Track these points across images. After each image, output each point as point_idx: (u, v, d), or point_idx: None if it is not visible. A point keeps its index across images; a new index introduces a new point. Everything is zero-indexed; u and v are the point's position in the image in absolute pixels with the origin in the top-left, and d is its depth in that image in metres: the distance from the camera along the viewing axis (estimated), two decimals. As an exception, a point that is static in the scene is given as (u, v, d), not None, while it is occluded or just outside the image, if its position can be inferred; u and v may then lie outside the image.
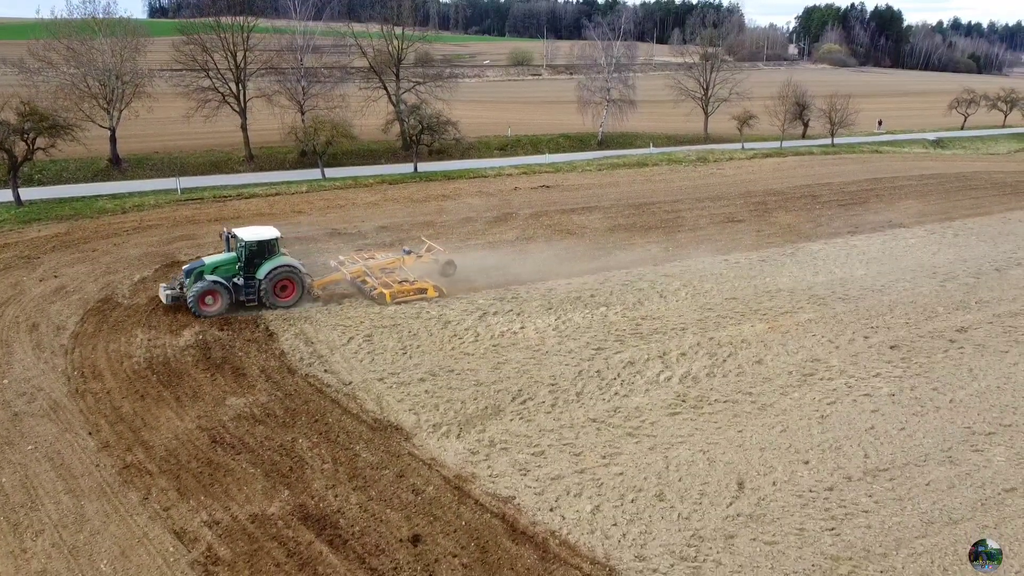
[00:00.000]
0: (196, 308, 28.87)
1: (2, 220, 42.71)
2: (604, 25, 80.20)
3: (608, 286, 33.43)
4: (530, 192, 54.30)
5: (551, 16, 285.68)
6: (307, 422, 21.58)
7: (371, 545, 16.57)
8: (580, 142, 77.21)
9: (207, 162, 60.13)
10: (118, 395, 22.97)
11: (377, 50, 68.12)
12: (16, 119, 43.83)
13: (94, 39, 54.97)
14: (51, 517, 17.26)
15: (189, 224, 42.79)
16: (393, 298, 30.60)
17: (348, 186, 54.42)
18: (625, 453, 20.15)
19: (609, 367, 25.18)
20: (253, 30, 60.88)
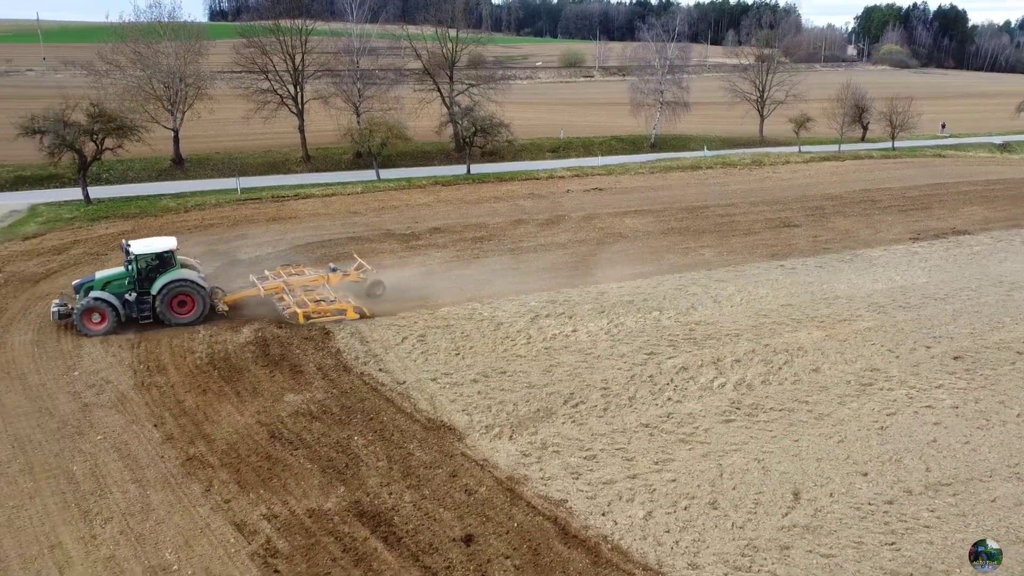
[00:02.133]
0: (81, 327, 27.15)
1: (72, 217, 44.34)
2: (658, 26, 79.59)
3: (661, 290, 33.22)
4: (582, 194, 54.22)
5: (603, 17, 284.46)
6: (362, 420, 21.95)
7: (424, 543, 16.79)
8: (632, 144, 76.77)
9: (265, 163, 61.45)
10: (181, 389, 23.68)
11: (431, 52, 68.76)
12: (86, 120, 45.44)
13: (159, 42, 56.72)
14: (119, 505, 17.90)
15: (248, 223, 43.81)
16: (307, 319, 28.74)
17: (402, 187, 55.08)
18: (678, 459, 20.02)
19: (662, 372, 25.04)
20: (311, 33, 62.07)
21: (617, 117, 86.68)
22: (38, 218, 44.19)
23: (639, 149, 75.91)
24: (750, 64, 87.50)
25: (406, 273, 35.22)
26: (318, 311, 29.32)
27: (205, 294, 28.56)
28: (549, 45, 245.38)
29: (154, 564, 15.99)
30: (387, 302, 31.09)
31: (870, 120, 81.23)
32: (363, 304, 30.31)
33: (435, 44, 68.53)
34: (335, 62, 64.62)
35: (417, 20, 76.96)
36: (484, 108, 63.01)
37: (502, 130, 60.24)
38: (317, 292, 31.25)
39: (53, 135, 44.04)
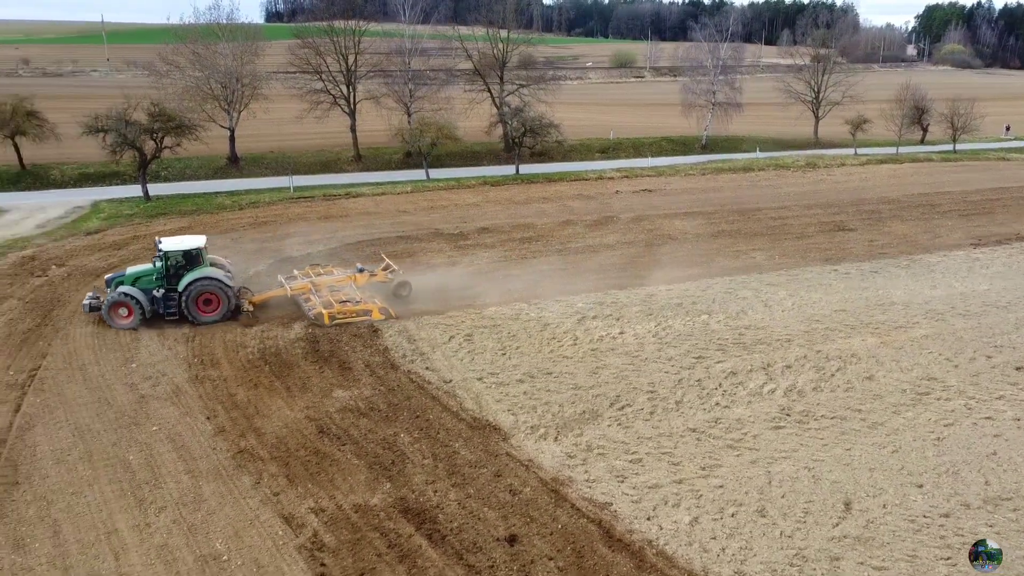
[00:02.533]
0: (109, 320, 27.84)
1: (132, 214, 45.64)
2: (711, 26, 78.62)
3: (710, 293, 32.80)
4: (631, 196, 53.86)
5: (655, 17, 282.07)
6: (408, 417, 22.13)
7: (468, 542, 16.85)
8: (683, 145, 76.00)
9: (317, 161, 62.41)
10: (233, 383, 24.19)
11: (482, 53, 69.08)
12: (147, 119, 46.72)
13: (217, 43, 58.07)
14: (172, 495, 18.36)
15: (300, 221, 44.54)
16: (332, 319, 28.67)
17: (451, 187, 55.41)
18: (725, 465, 19.74)
19: (710, 376, 24.72)
20: (364, 34, 62.87)
21: (668, 118, 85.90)
22: (100, 214, 45.61)
23: (690, 150, 75.10)
24: (805, 64, 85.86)
25: (454, 272, 35.44)
26: (343, 311, 29.20)
27: (230, 293, 28.69)
28: (600, 45, 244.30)
29: (205, 553, 16.36)
30: (434, 301, 31.29)
31: (930, 122, 79.04)
32: (389, 305, 30.32)
33: (486, 45, 68.83)
34: (387, 63, 65.37)
35: (468, 21, 77.32)
36: (534, 108, 63.04)
37: (551, 130, 60.17)
38: (344, 292, 31.24)
39: (115, 134, 45.40)
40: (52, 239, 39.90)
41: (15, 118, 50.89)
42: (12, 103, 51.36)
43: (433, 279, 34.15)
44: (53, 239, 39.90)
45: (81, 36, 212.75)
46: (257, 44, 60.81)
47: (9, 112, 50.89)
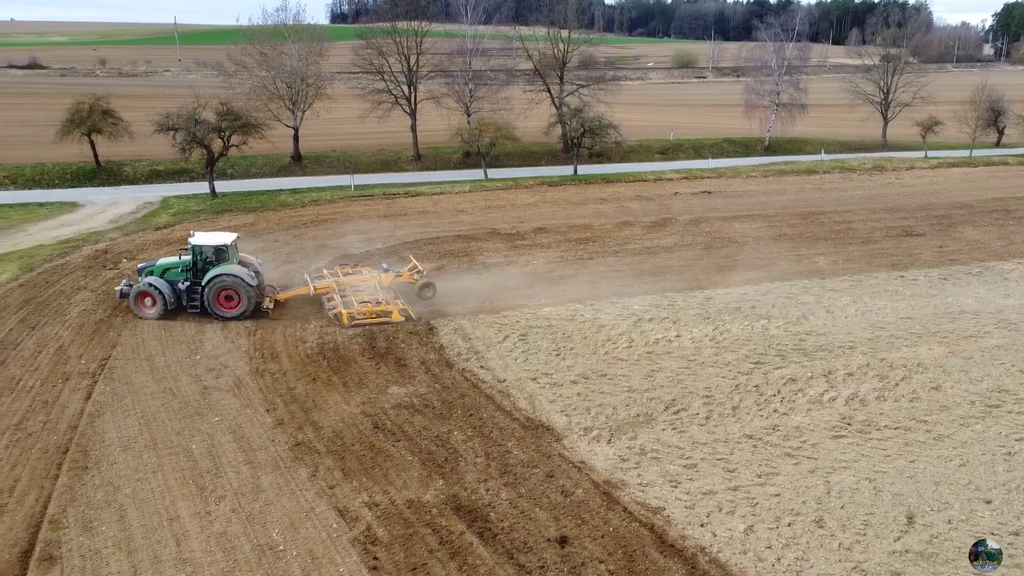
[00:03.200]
0: (135, 308, 28.77)
1: (199, 209, 47.02)
2: (776, 26, 77.02)
3: (770, 298, 32.16)
4: (690, 197, 53.19)
5: (719, 17, 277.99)
6: (462, 416, 22.27)
7: (519, 542, 16.86)
8: (745, 147, 74.75)
9: (378, 160, 63.31)
10: (292, 376, 24.70)
11: (542, 53, 69.08)
12: (215, 118, 48.08)
13: (283, 44, 59.38)
14: (232, 485, 18.84)
15: (360, 219, 45.23)
16: (351, 320, 28.65)
17: (509, 187, 55.57)
18: (782, 474, 19.33)
19: (768, 382, 24.23)
20: (426, 34, 63.51)
21: (729, 119, 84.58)
22: (169, 210, 47.11)
23: (751, 152, 73.84)
24: (874, 64, 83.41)
25: (509, 272, 35.53)
26: (363, 312, 29.12)
27: (251, 291, 28.86)
28: (661, 45, 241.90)
29: (262, 543, 16.74)
30: (490, 301, 31.42)
31: (1007, 124, 76.02)
32: (413, 305, 30.25)
33: (546, 45, 68.83)
34: (448, 63, 65.94)
35: (530, 21, 77.35)
36: (593, 109, 62.77)
37: (611, 131, 59.84)
38: (367, 292, 31.09)
39: (185, 132, 46.87)
40: (124, 233, 41.38)
41: (92, 116, 52.98)
42: (89, 102, 53.50)
43: (488, 279, 34.33)
44: (125, 233, 41.37)
45: (155, 37, 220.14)
46: (322, 45, 62.05)
47: (86, 111, 53.01)
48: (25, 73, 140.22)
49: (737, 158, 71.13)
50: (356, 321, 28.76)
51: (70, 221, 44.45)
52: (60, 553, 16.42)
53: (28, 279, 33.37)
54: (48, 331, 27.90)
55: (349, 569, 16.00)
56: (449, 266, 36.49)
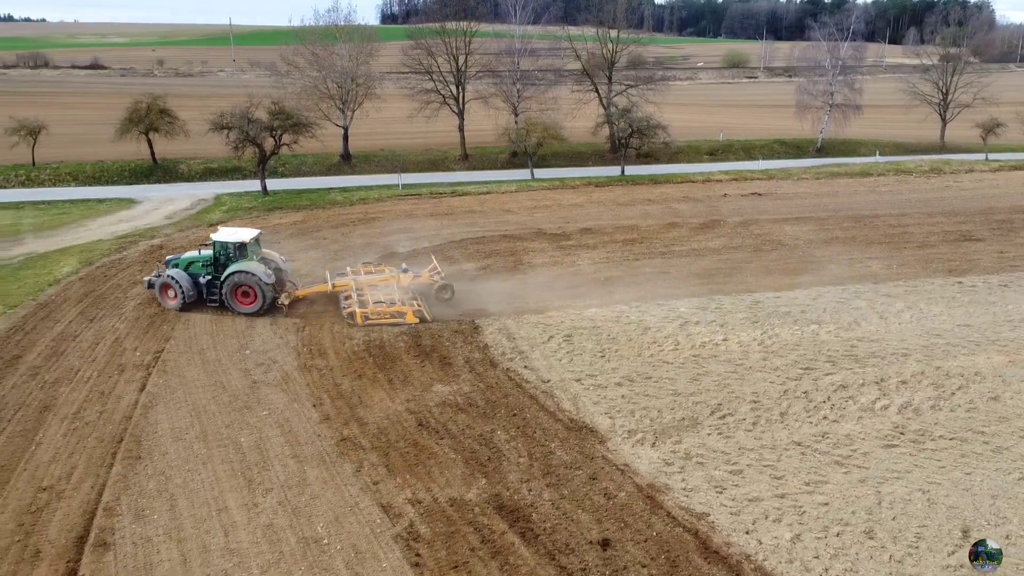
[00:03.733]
0: (160, 298, 29.82)
1: (251, 207, 47.94)
2: (830, 25, 75.46)
3: (821, 302, 31.52)
4: (740, 199, 52.43)
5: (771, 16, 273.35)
6: (506, 415, 22.28)
7: (561, 543, 16.81)
8: (796, 148, 73.43)
9: (425, 160, 63.78)
10: (339, 373, 25.00)
11: (591, 53, 68.82)
12: (267, 117, 48.95)
13: (334, 45, 60.19)
14: (279, 478, 19.15)
15: (407, 218, 45.60)
16: (365, 319, 28.67)
17: (555, 187, 55.46)
18: (832, 482, 18.92)
19: (818, 389, 23.75)
20: (475, 35, 63.76)
21: (780, 120, 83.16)
22: (222, 207, 48.11)
23: (803, 153, 72.50)
24: (933, 64, 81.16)
25: (554, 272, 35.45)
26: (376, 312, 29.12)
27: (265, 288, 29.17)
28: (712, 45, 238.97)
29: (307, 536, 16.98)
30: (534, 301, 31.40)
31: (1074, 126, 73.14)
32: (428, 307, 30.11)
33: (595, 45, 68.56)
34: (496, 63, 66.07)
35: (578, 21, 77.13)
36: (641, 109, 62.28)
37: (659, 131, 59.26)
38: (385, 293, 30.93)
39: (238, 131, 47.79)
40: (178, 229, 42.40)
41: (149, 116, 54.48)
42: (147, 101, 55.01)
43: (533, 279, 34.32)
44: (179, 229, 42.38)
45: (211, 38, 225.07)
46: (372, 45, 62.73)
47: (144, 110, 54.53)
48: (87, 73, 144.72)
49: (788, 159, 69.92)
50: (369, 321, 28.80)
51: (127, 217, 45.71)
52: (113, 539, 16.89)
53: (87, 273, 34.42)
54: (105, 323, 28.73)
55: (392, 565, 16.13)
56: (494, 266, 36.56)
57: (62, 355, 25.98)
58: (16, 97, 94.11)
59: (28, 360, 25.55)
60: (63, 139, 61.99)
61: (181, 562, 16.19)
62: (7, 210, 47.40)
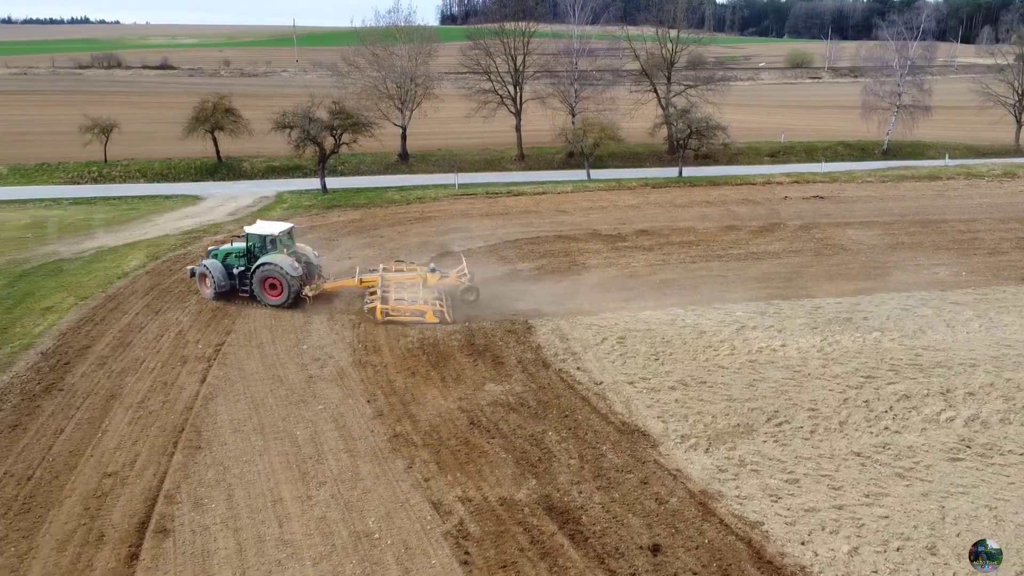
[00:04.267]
0: (200, 287, 31.22)
1: (310, 205, 48.84)
2: (899, 23, 73.26)
3: (884, 309, 30.61)
4: (801, 202, 51.29)
5: (837, 15, 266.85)
6: (557, 416, 22.21)
7: (611, 547, 16.67)
8: (861, 151, 71.49)
9: (482, 160, 64.05)
10: (393, 369, 25.27)
11: (650, 53, 68.19)
12: (327, 117, 49.79)
13: (394, 45, 60.89)
14: (332, 472, 19.45)
15: (462, 217, 45.85)
16: (385, 315, 28.93)
17: (611, 187, 55.12)
18: (892, 495, 18.35)
19: (880, 398, 23.06)
20: (533, 35, 63.78)
21: (845, 121, 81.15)
22: (283, 204, 49.12)
23: (868, 156, 70.57)
24: (1008, 64, 78.10)
25: (609, 274, 35.21)
26: (396, 309, 29.36)
27: (292, 282, 29.83)
28: (774, 45, 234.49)
29: (358, 530, 17.20)
30: (588, 302, 31.24)
31: None
32: (452, 308, 30.03)
33: (654, 45, 67.94)
34: (554, 63, 66.00)
35: (638, 21, 76.51)
36: (701, 110, 61.43)
37: (718, 132, 58.35)
38: (410, 290, 31.02)
39: (300, 130, 48.73)
40: (240, 226, 43.33)
41: (215, 115, 55.99)
42: (213, 101, 56.54)
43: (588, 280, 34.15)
44: (241, 226, 43.31)
45: (276, 39, 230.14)
46: (431, 46, 63.28)
47: (210, 109, 56.04)
48: (157, 73, 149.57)
49: (852, 162, 68.15)
50: (389, 317, 29.05)
51: (192, 213, 47.02)
52: (173, 526, 17.38)
53: (154, 267, 35.53)
54: (170, 316, 29.60)
55: (441, 562, 16.23)
56: (548, 266, 36.49)
57: (128, 346, 26.87)
58: (90, 96, 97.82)
59: (97, 350, 26.50)
60: (133, 137, 64.12)
61: (237, 551, 16.57)
62: (80, 205, 49.26)
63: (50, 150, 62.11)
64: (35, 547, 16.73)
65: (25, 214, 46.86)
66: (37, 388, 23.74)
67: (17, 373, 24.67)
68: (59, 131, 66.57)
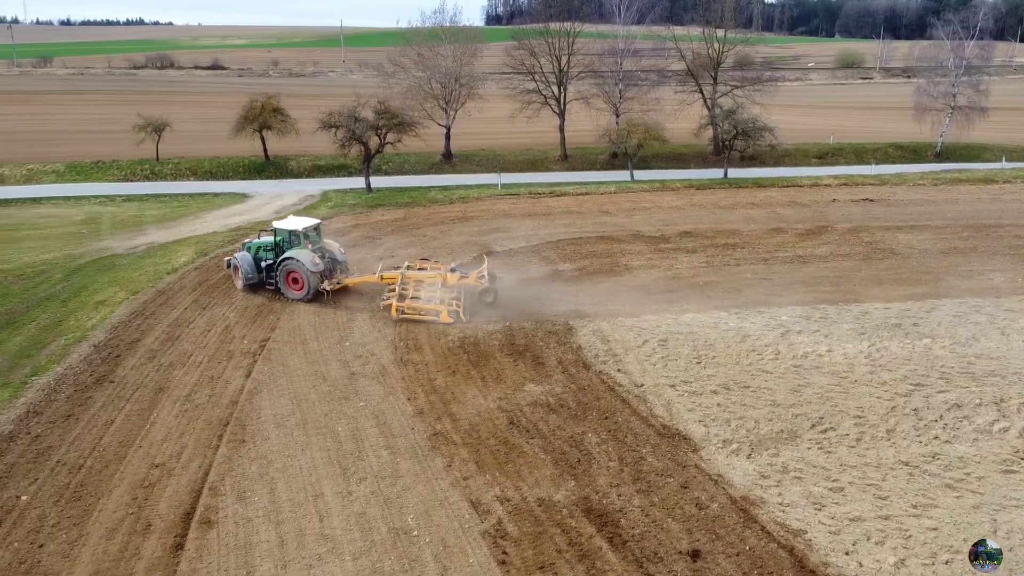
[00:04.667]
0: (233, 277, 32.46)
1: (355, 203, 49.39)
2: (955, 22, 71.33)
3: (935, 316, 29.84)
4: (849, 205, 50.27)
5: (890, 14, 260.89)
6: (597, 418, 22.10)
7: (650, 551, 16.53)
8: (913, 153, 69.83)
9: (525, 160, 64.06)
10: (433, 368, 25.41)
11: (696, 53, 67.50)
12: (373, 117, 50.30)
13: (439, 46, 61.25)
14: (372, 468, 19.62)
15: (505, 217, 45.91)
16: (400, 313, 29.42)
17: (655, 189, 54.70)
18: (941, 506, 17.86)
19: (929, 407, 22.47)
20: (578, 35, 63.59)
21: (896, 123, 79.29)
22: (328, 203, 49.75)
23: (920, 158, 68.88)
24: (1070, 64, 75.56)
25: (652, 276, 34.93)
26: (411, 307, 29.70)
27: (311, 277, 30.64)
28: (824, 45, 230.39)
29: (397, 527, 17.32)
30: (630, 304, 31.03)
31: None
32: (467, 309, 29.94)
33: (700, 45, 67.21)
34: (599, 63, 65.70)
35: (684, 20, 75.80)
36: (747, 110, 60.56)
37: (765, 134, 57.38)
38: (428, 289, 31.04)
39: (345, 129, 49.35)
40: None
41: (263, 114, 56.96)
42: (261, 101, 57.51)
43: (629, 281, 33.93)
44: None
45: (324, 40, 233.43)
46: (476, 46, 63.54)
47: (259, 109, 57.03)
48: (208, 73, 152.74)
49: (903, 164, 66.59)
50: (404, 316, 29.51)
51: (240, 211, 47.91)
52: (217, 518, 17.71)
53: (202, 263, 36.28)
54: (217, 312, 30.19)
55: (479, 560, 16.26)
56: (590, 267, 36.34)
57: (177, 340, 27.47)
58: (144, 96, 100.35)
59: (146, 343, 27.15)
60: (184, 136, 65.55)
61: (278, 544, 16.82)
62: (133, 202, 50.55)
63: (105, 148, 63.87)
64: (85, 534, 17.20)
65: (81, 210, 48.27)
66: (89, 380, 24.41)
67: (71, 365, 25.39)
68: (114, 130, 68.40)
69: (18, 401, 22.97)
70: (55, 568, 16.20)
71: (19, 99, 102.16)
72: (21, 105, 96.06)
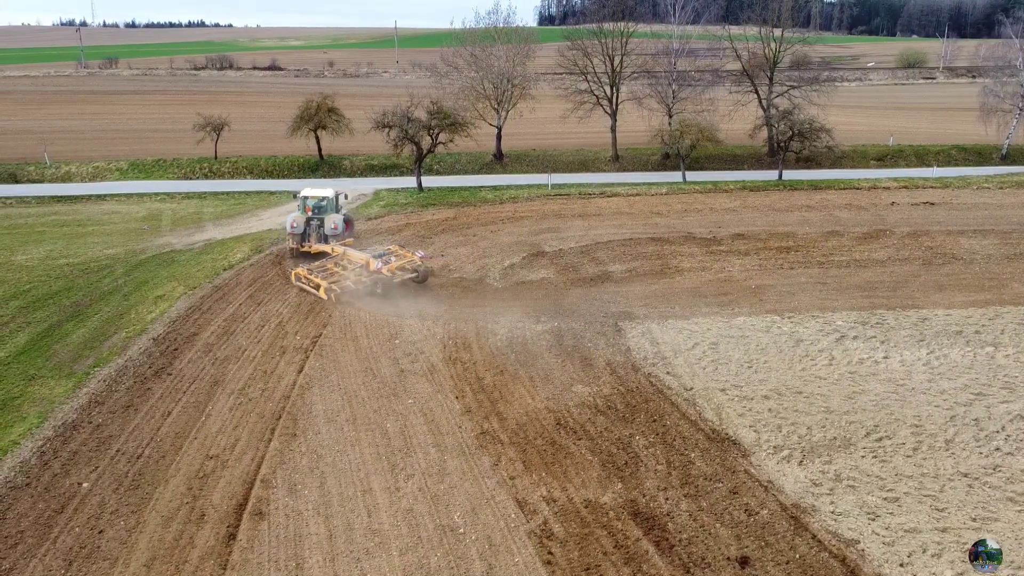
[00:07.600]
0: None
1: (407, 203, 49.87)
2: (1025, 20, 68.93)
3: (999, 323, 28.85)
4: (909, 208, 48.92)
5: (955, 12, 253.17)
6: (645, 421, 21.93)
7: (697, 556, 16.34)
8: (978, 155, 67.61)
9: (576, 160, 63.89)
10: (482, 367, 25.52)
11: (752, 53, 66.42)
12: (426, 117, 50.74)
13: (493, 46, 61.47)
14: (420, 465, 19.80)
15: (555, 218, 45.84)
16: (297, 280, 32.93)
17: (708, 190, 54.04)
18: (1003, 520, 17.27)
19: (991, 417, 21.74)
20: (632, 35, 63.16)
21: (960, 124, 76.95)
22: (380, 202, 50.35)
23: (986, 161, 66.64)
24: None
25: (703, 278, 34.53)
26: (305, 278, 32.81)
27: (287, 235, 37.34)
28: (885, 44, 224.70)
29: (444, 524, 17.45)
30: (680, 306, 30.73)
31: None
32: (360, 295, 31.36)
33: (757, 44, 66.11)
34: (652, 63, 65.15)
35: (740, 20, 74.66)
36: (804, 111, 59.33)
37: (822, 135, 56.17)
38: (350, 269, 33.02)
39: (398, 129, 49.89)
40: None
41: (319, 114, 57.93)
42: (317, 101, 58.52)
43: (680, 283, 33.59)
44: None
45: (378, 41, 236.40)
46: (529, 46, 63.57)
47: (314, 109, 58.04)
48: (265, 74, 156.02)
49: (967, 167, 64.55)
50: (299, 283, 32.86)
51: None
52: (268, 510, 18.08)
53: (258, 260, 37.06)
54: (270, 308, 30.81)
55: (524, 560, 16.28)
56: (640, 268, 36.07)
57: (232, 335, 28.12)
58: (204, 96, 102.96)
59: (203, 337, 27.85)
60: (242, 135, 67.08)
61: (327, 537, 17.09)
62: (192, 199, 51.92)
63: (166, 147, 65.79)
64: (142, 522, 17.72)
65: (143, 207, 49.77)
66: (148, 372, 25.15)
67: (131, 357, 26.20)
68: (175, 129, 70.39)
69: (81, 391, 23.78)
70: (113, 553, 16.74)
71: (86, 99, 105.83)
72: (88, 105, 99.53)
